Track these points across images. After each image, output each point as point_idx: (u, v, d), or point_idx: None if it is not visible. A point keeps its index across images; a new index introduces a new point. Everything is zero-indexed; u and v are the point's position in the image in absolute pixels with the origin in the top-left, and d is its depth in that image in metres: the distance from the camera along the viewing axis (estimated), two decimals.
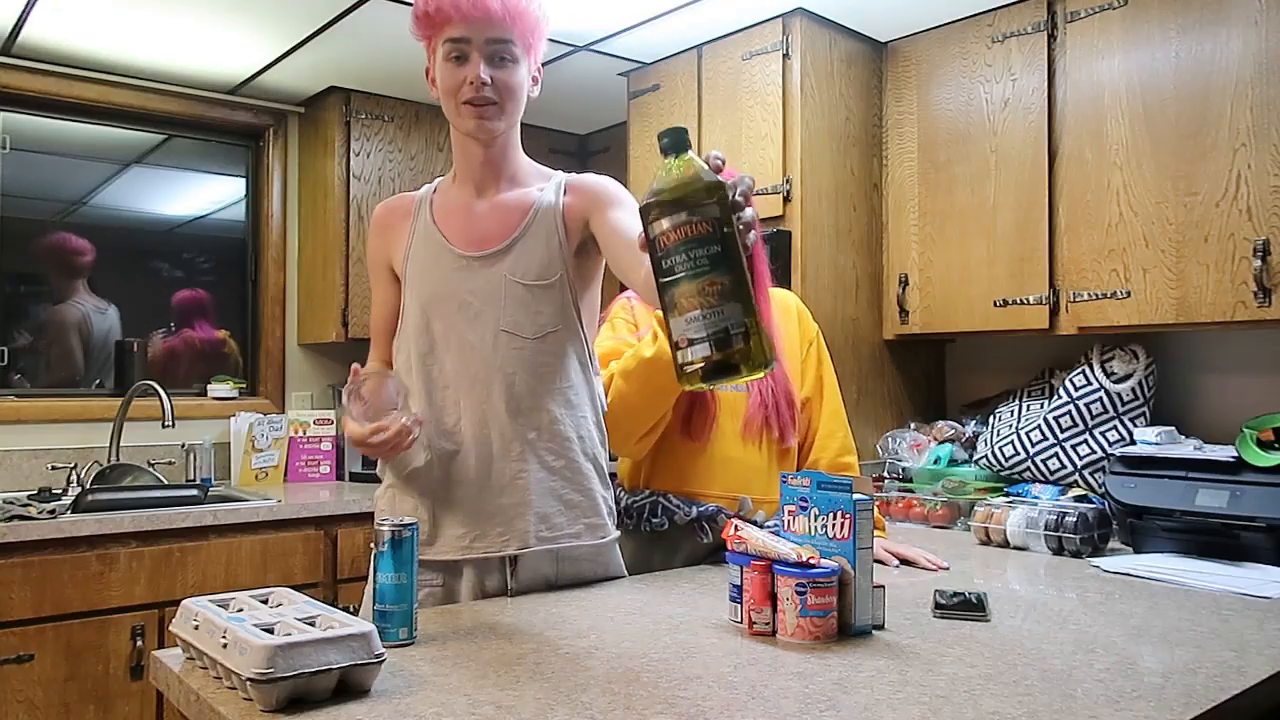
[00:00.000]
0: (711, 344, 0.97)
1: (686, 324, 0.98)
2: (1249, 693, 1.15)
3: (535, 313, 1.53)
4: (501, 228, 1.55)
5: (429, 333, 1.55)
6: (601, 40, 2.87)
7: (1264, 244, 2.02)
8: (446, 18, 1.46)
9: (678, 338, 1.00)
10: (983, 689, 1.12)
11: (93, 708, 2.40)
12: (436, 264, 1.56)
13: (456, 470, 1.55)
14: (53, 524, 2.36)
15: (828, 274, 2.65)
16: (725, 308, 0.97)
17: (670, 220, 0.99)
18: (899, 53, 2.77)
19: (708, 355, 0.98)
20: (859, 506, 1.36)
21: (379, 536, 1.30)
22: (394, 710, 1.05)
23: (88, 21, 2.69)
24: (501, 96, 1.49)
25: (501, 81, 1.49)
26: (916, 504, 2.48)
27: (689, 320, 0.98)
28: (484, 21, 1.45)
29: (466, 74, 1.47)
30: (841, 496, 1.37)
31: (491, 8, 1.44)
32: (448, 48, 1.48)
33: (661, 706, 1.06)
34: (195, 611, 1.18)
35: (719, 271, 0.98)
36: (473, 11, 1.44)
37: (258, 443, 3.22)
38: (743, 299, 0.98)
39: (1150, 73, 2.21)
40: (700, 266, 0.98)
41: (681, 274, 0.98)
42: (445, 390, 1.55)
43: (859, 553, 1.35)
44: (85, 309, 3.22)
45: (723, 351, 0.98)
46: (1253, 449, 1.94)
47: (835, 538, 1.37)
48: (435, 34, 1.50)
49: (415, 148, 3.42)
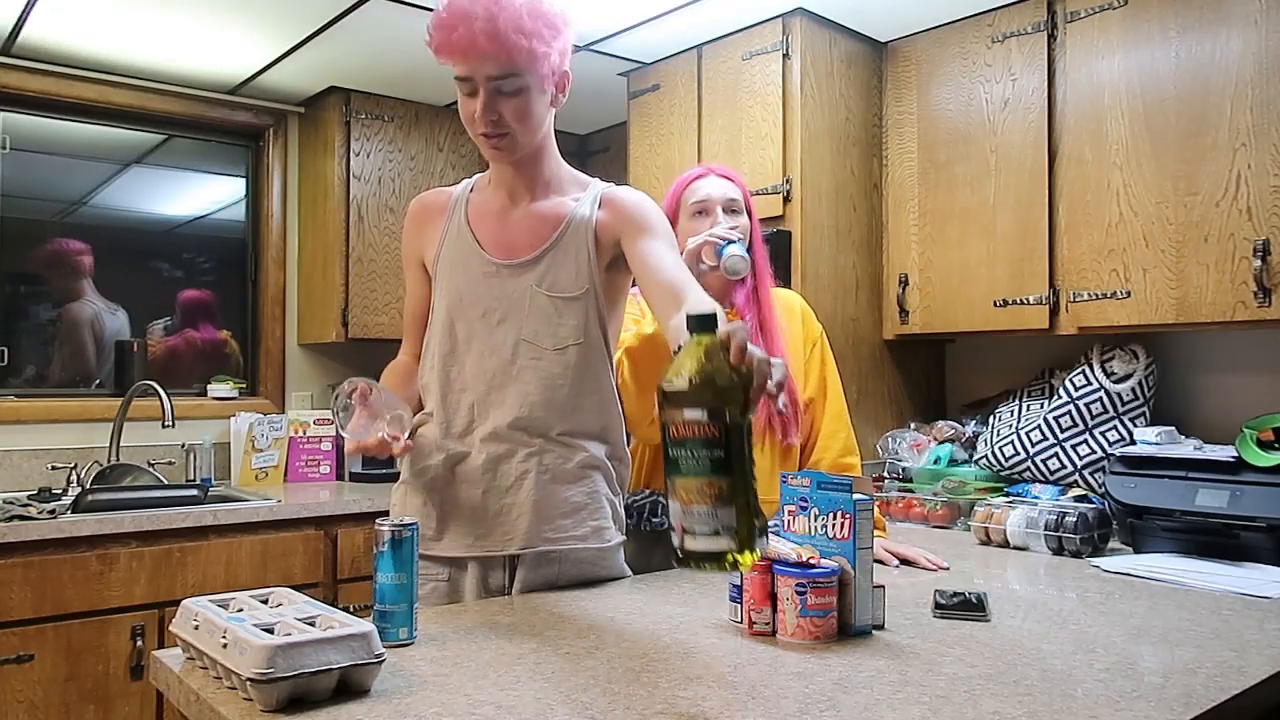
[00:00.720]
0: (705, 539, 1.03)
1: (684, 513, 1.04)
2: (1249, 693, 1.15)
3: (558, 325, 1.55)
4: (533, 238, 1.57)
5: (452, 334, 1.58)
6: (601, 40, 2.87)
7: (1264, 244, 2.02)
8: (450, 57, 1.48)
9: (675, 522, 1.05)
10: (983, 689, 1.12)
11: (93, 708, 2.40)
12: (466, 267, 1.58)
13: (464, 471, 1.57)
14: (53, 524, 2.36)
15: (827, 274, 2.65)
16: (721, 511, 1.02)
17: (683, 414, 1.03)
18: (899, 53, 2.77)
19: (700, 549, 1.03)
20: (859, 507, 1.36)
21: (379, 537, 1.30)
22: (394, 710, 1.05)
23: (87, 21, 2.69)
24: (511, 126, 1.51)
25: (508, 112, 1.50)
26: (916, 504, 2.48)
27: (686, 511, 1.03)
28: (479, 59, 1.45)
29: (473, 108, 1.50)
30: (841, 496, 1.38)
31: (482, 47, 1.43)
32: (459, 83, 1.51)
33: (661, 706, 1.06)
34: (195, 611, 1.18)
35: (720, 475, 1.02)
36: (469, 50, 1.45)
37: (258, 443, 3.22)
38: (739, 500, 1.03)
39: (1150, 73, 2.21)
40: (703, 467, 1.02)
41: (686, 468, 1.03)
42: (461, 393, 1.57)
43: (859, 553, 1.36)
44: (97, 308, 3.23)
45: (714, 547, 1.03)
46: (1253, 449, 1.94)
47: (835, 538, 1.37)
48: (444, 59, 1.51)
49: (415, 148, 3.42)
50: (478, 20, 1.42)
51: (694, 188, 1.90)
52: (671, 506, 1.06)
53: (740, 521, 1.03)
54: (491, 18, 1.42)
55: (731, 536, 1.02)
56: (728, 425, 1.02)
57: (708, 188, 1.89)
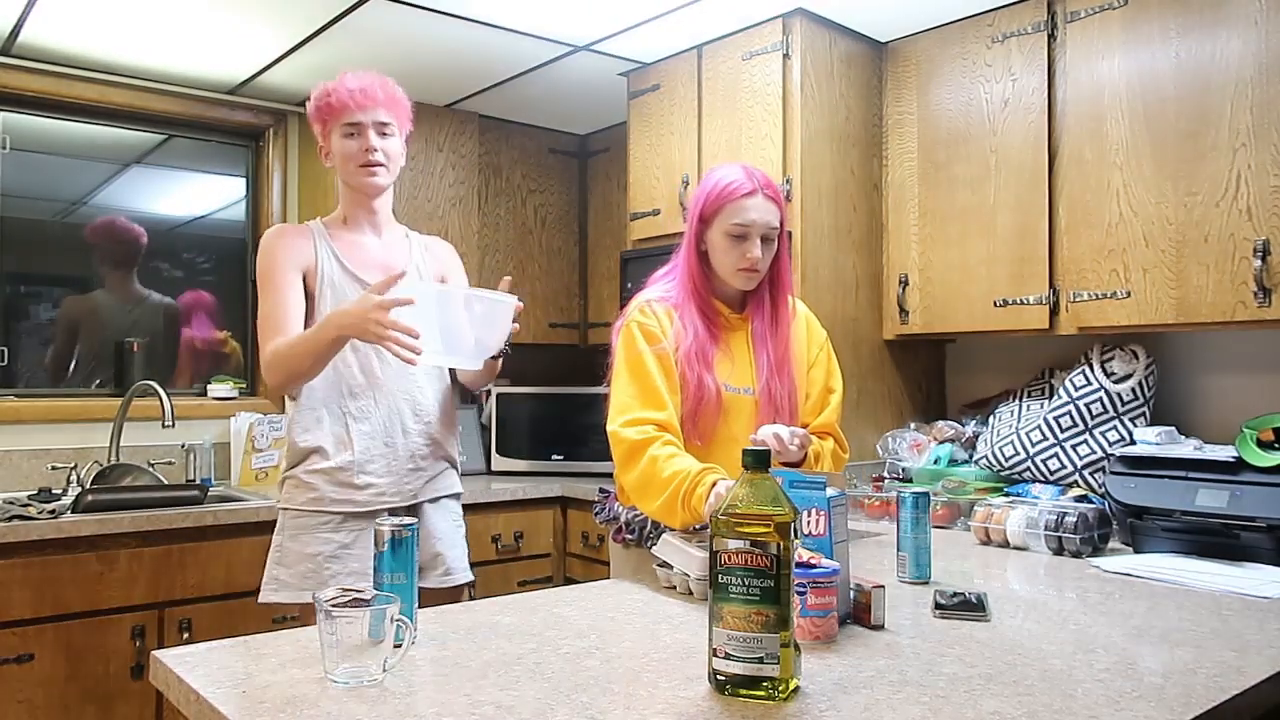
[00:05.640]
0: (747, 664, 1.09)
1: (728, 639, 1.10)
2: (1249, 693, 1.15)
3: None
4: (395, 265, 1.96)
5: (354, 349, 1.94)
6: (601, 40, 2.87)
7: (1264, 244, 2.02)
8: (345, 106, 1.95)
9: (717, 645, 1.11)
10: (983, 689, 1.12)
11: (93, 708, 2.40)
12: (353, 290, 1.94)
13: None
14: (53, 524, 2.36)
15: (828, 274, 2.65)
16: (765, 638, 1.09)
17: (735, 544, 1.11)
18: (899, 53, 2.77)
19: (740, 674, 1.10)
20: (834, 502, 1.44)
21: (379, 537, 1.30)
22: (394, 710, 1.05)
23: (87, 21, 2.69)
24: (387, 159, 2.00)
25: (386, 150, 1.99)
26: None
27: (730, 637, 1.10)
28: (372, 108, 1.97)
29: (360, 145, 1.96)
30: (816, 495, 1.45)
31: (378, 97, 1.97)
32: (343, 129, 1.97)
33: (661, 706, 1.06)
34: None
35: (767, 604, 1.09)
36: (365, 101, 1.96)
37: (258, 443, 3.21)
38: (783, 629, 1.09)
39: (1150, 73, 2.21)
40: (752, 596, 1.10)
41: (734, 595, 1.10)
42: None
43: (836, 546, 1.43)
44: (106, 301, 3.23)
45: (753, 673, 1.09)
46: (1253, 449, 1.94)
47: (811, 534, 1.44)
48: (332, 120, 1.97)
49: (415, 148, 3.41)
50: (375, 82, 1.98)
51: (740, 206, 1.78)
52: (715, 633, 1.12)
53: (784, 646, 1.09)
54: (385, 82, 2.00)
55: (774, 664, 1.08)
56: (779, 558, 1.10)
57: (753, 212, 1.77)
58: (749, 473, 1.15)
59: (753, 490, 1.13)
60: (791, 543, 1.11)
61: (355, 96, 1.95)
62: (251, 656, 1.25)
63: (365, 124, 1.96)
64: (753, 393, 1.83)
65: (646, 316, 1.82)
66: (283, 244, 1.97)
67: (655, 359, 1.77)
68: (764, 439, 1.69)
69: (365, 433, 1.94)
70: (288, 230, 2.03)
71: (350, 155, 1.97)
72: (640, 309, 1.84)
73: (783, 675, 1.09)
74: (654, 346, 1.78)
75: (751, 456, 1.15)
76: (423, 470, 2.01)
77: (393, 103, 2.00)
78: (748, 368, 1.84)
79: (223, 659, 1.24)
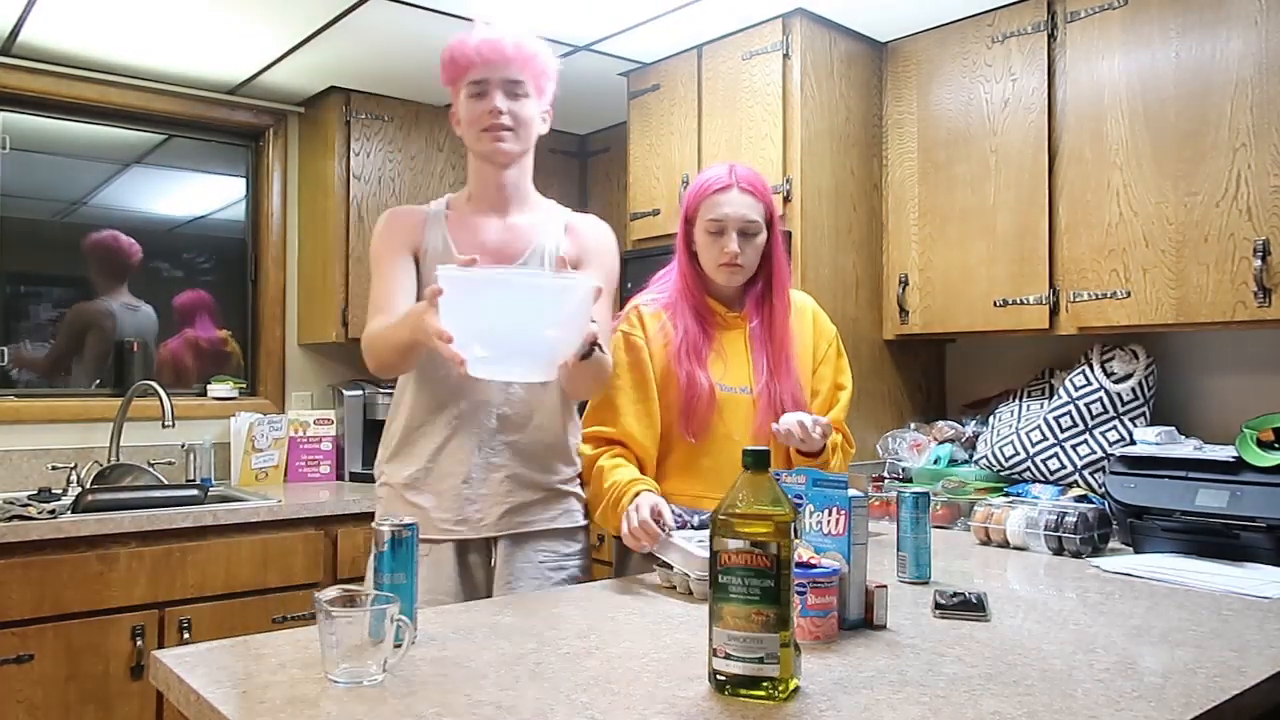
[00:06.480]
0: (747, 664, 1.09)
1: (728, 639, 1.10)
2: (1249, 693, 1.15)
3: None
4: (513, 252, 1.77)
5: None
6: (601, 40, 2.87)
7: (1264, 244, 2.02)
8: (470, 62, 1.71)
9: (717, 645, 1.11)
10: (983, 689, 1.12)
11: (93, 708, 2.40)
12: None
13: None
14: (53, 524, 2.36)
15: (828, 274, 2.65)
16: (765, 637, 1.09)
17: (735, 544, 1.11)
18: (899, 53, 2.77)
19: (740, 674, 1.09)
20: (855, 503, 1.41)
21: (379, 537, 1.30)
22: (394, 710, 1.05)
23: (87, 21, 2.69)
24: (516, 123, 1.72)
25: (516, 112, 1.72)
26: None
27: (730, 637, 1.10)
28: (500, 63, 1.70)
29: (486, 106, 1.70)
30: (838, 494, 1.43)
31: (507, 52, 1.70)
32: (470, 88, 1.72)
33: (661, 706, 1.06)
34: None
35: (767, 603, 1.09)
36: (491, 55, 1.70)
37: (258, 443, 3.22)
38: (783, 629, 1.09)
39: (1150, 73, 2.21)
40: (752, 595, 1.09)
41: (734, 595, 1.10)
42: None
43: (854, 548, 1.41)
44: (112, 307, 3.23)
45: (754, 673, 1.09)
46: (1253, 449, 1.94)
47: (830, 533, 1.42)
48: (460, 78, 1.74)
49: (415, 148, 3.42)
50: (507, 35, 1.70)
51: (714, 201, 1.80)
52: (715, 633, 1.12)
53: (784, 646, 1.09)
54: (519, 34, 1.72)
55: (774, 664, 1.08)
56: (779, 558, 1.09)
57: (727, 206, 1.79)
58: (749, 473, 1.14)
59: (753, 490, 1.13)
60: (792, 542, 1.11)
61: (481, 51, 1.70)
62: (251, 656, 1.25)
63: (491, 82, 1.70)
64: (750, 392, 1.82)
65: (631, 326, 1.87)
66: (390, 225, 1.79)
67: (629, 370, 1.83)
68: (787, 427, 1.70)
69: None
70: (400, 211, 1.84)
71: (474, 118, 1.72)
72: (628, 318, 1.88)
73: (783, 675, 1.09)
74: (630, 355, 1.83)
75: (751, 457, 1.15)
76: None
77: (526, 60, 1.72)
78: (744, 367, 1.84)
79: (223, 659, 1.24)
